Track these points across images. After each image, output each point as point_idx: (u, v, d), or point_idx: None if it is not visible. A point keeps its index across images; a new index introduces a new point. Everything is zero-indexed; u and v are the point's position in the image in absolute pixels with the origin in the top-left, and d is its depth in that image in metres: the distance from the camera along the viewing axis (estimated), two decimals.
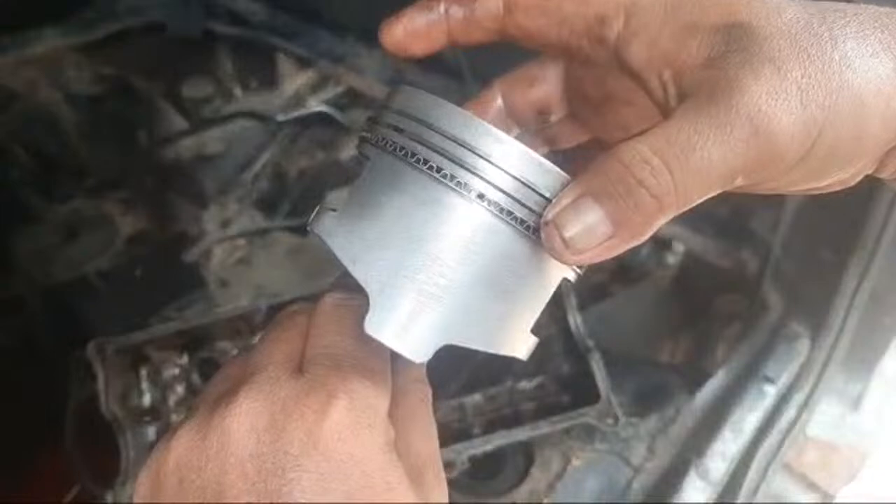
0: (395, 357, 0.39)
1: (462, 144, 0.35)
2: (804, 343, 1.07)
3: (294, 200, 1.41)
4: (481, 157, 0.35)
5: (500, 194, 0.35)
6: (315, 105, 1.51)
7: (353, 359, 0.38)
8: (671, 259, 1.29)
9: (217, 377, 0.41)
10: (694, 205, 0.35)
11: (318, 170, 1.45)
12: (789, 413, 1.02)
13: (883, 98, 0.34)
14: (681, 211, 0.34)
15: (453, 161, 0.35)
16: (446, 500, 0.40)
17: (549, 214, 0.34)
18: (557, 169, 0.36)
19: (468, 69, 1.34)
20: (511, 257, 0.36)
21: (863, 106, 0.34)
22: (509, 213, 0.35)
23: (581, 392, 1.01)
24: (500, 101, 0.45)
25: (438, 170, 0.35)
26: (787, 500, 1.05)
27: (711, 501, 0.96)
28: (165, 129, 1.50)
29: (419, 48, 0.40)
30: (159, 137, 1.48)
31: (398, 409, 0.39)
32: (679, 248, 1.28)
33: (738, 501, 0.96)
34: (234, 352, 1.05)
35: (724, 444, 0.99)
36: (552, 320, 1.05)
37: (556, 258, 0.34)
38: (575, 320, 1.01)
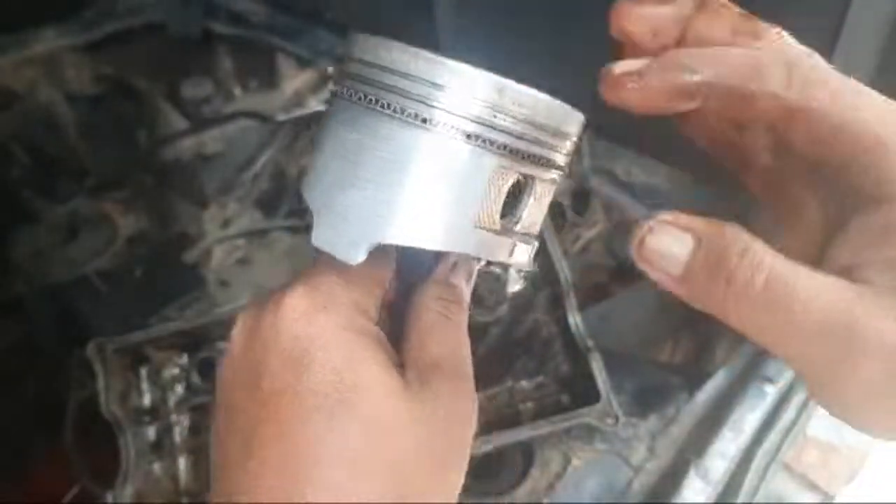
0: (421, 276, 0.46)
1: (372, 64, 0.40)
2: None
3: (294, 200, 1.41)
4: (383, 68, 0.39)
5: (399, 97, 0.39)
6: (315, 105, 1.51)
7: (326, 264, 0.42)
8: None
9: None
10: (736, 321, 0.34)
11: None
12: (789, 413, 1.02)
13: None
14: (735, 327, 0.34)
15: (367, 83, 0.40)
16: (466, 397, 0.43)
17: (663, 215, 0.35)
18: (440, 58, 0.38)
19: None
20: (424, 156, 0.39)
21: None
22: (414, 114, 0.39)
23: (581, 392, 1.01)
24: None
25: (356, 94, 0.40)
26: (787, 500, 1.05)
27: (711, 501, 0.96)
28: (165, 129, 1.50)
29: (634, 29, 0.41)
30: (159, 137, 1.48)
31: (417, 321, 0.44)
32: None
33: (738, 501, 0.96)
34: None
35: (723, 444, 0.99)
36: (552, 320, 1.05)
37: (630, 244, 0.35)
38: (575, 320, 1.02)
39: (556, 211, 1.30)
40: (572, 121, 0.44)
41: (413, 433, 0.40)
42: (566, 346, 1.04)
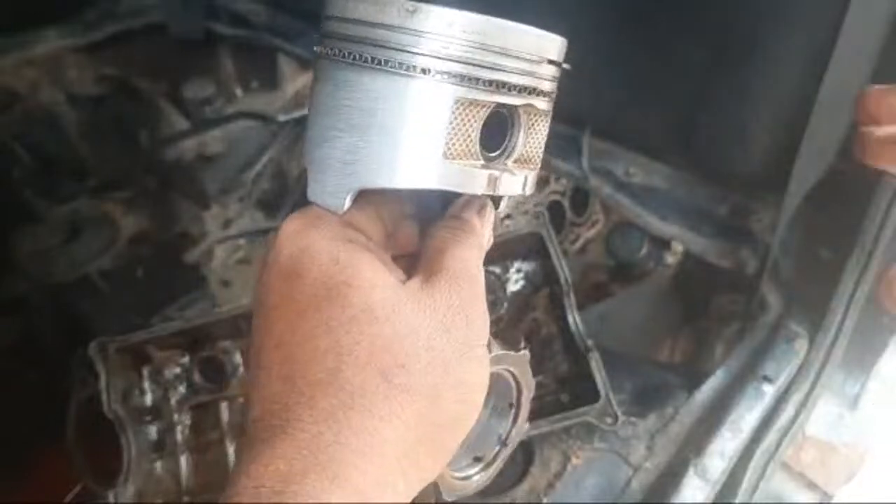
0: (434, 211, 0.48)
1: (326, 16, 0.41)
2: (802, 342, 1.07)
3: (295, 200, 1.42)
4: (333, 18, 0.41)
5: (348, 42, 0.40)
6: None
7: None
8: (670, 259, 1.30)
9: None
10: None
11: None
12: (788, 412, 1.03)
13: None
14: None
15: (326, 35, 0.41)
16: (470, 297, 0.45)
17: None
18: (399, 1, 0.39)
19: None
20: (384, 98, 0.40)
21: None
22: (369, 57, 0.40)
23: (580, 391, 1.01)
24: None
25: (322, 48, 0.42)
26: (786, 499, 1.06)
27: (710, 500, 0.96)
28: (167, 130, 1.50)
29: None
30: (161, 138, 1.49)
31: (427, 247, 0.46)
32: (678, 247, 1.28)
33: (737, 500, 0.96)
34: (236, 351, 1.06)
35: (722, 443, 0.99)
36: (551, 319, 1.06)
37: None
38: (574, 319, 1.02)
39: (555, 211, 1.31)
40: (546, 44, 0.43)
41: (407, 323, 0.41)
42: (566, 346, 1.04)
